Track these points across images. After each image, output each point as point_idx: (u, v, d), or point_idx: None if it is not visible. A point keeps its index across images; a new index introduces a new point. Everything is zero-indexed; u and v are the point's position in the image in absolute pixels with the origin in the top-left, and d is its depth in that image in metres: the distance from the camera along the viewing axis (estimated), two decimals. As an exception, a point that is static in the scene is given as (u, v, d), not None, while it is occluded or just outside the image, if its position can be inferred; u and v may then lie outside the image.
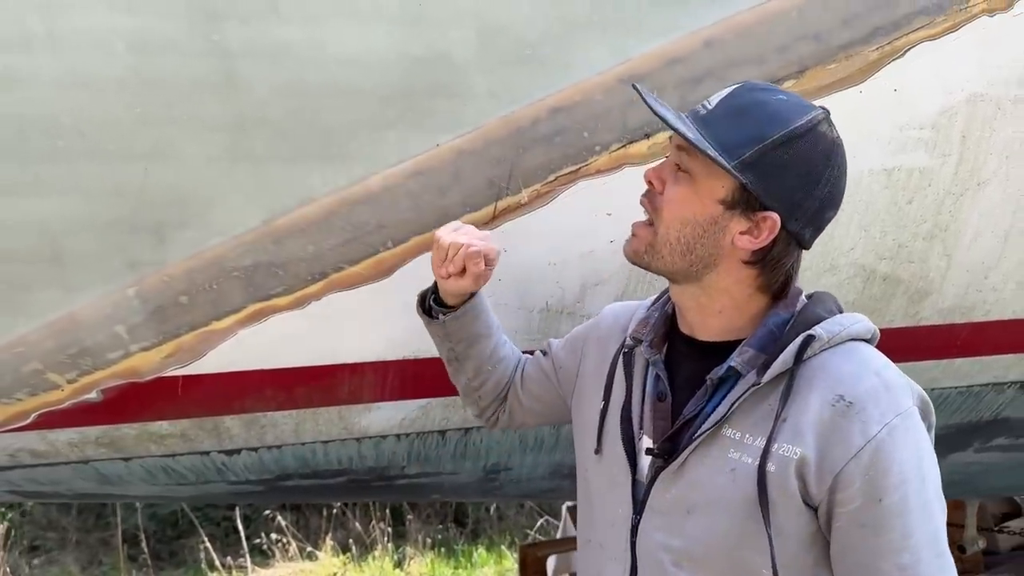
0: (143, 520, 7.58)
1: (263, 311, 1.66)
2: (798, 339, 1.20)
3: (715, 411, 1.23)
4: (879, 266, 1.98)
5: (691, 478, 1.23)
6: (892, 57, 1.81)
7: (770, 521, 1.15)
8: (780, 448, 1.16)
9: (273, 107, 1.51)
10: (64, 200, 1.48)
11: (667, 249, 1.23)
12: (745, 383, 1.22)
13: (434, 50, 1.56)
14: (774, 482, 1.16)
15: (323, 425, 1.91)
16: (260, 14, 1.46)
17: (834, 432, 1.15)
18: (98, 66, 1.42)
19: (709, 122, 1.20)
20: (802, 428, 1.16)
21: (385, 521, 6.70)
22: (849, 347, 1.23)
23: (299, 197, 1.58)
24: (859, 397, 1.16)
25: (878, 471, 1.14)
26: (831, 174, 1.22)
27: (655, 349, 1.33)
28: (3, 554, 5.75)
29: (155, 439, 1.83)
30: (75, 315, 1.57)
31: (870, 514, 1.14)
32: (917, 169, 1.90)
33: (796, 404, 1.18)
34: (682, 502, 1.24)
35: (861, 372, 1.19)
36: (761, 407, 1.20)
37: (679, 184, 1.22)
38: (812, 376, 1.19)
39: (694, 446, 1.22)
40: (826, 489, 1.16)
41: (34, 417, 1.69)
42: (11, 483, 1.95)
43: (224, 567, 6.21)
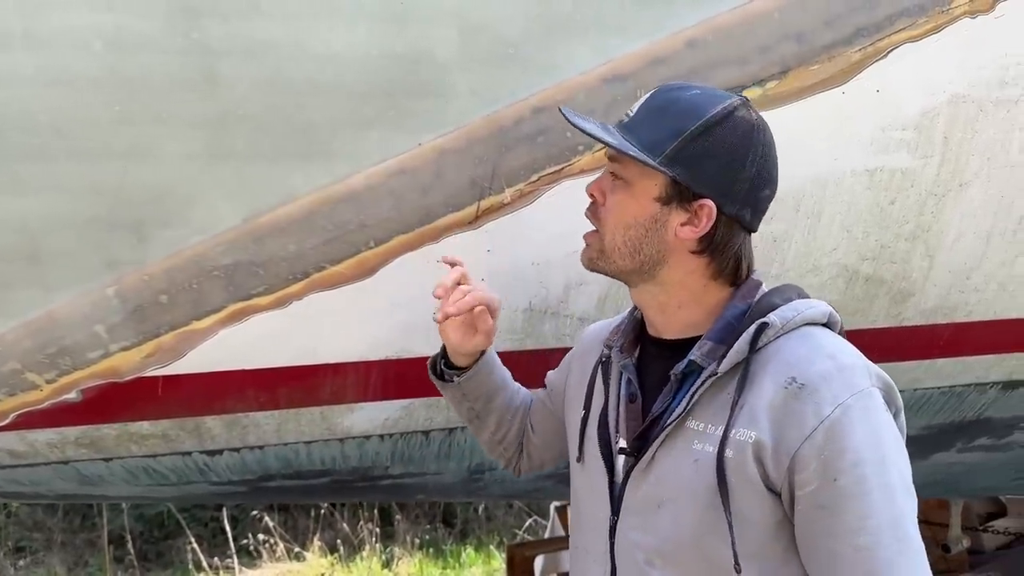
0: (130, 521, 7.55)
1: (244, 311, 1.65)
2: (752, 327, 1.23)
3: (680, 405, 1.26)
4: (862, 267, 1.99)
5: (659, 473, 1.26)
6: (875, 58, 1.81)
7: (730, 508, 1.17)
8: (737, 433, 1.18)
9: (253, 105, 1.50)
10: (42, 198, 1.47)
11: (616, 253, 1.28)
12: (705, 375, 1.25)
13: (416, 48, 1.55)
14: (732, 467, 1.18)
15: (305, 426, 1.90)
16: (240, 11, 1.46)
17: (788, 414, 1.16)
18: (76, 64, 1.41)
19: (632, 128, 1.27)
20: (757, 412, 1.18)
21: (373, 521, 6.69)
22: (803, 332, 1.24)
23: (280, 196, 1.57)
24: (811, 379, 1.17)
25: (833, 451, 1.14)
26: (755, 154, 1.26)
27: (625, 353, 1.37)
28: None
29: (136, 439, 1.82)
30: (54, 314, 1.56)
31: (827, 495, 1.14)
32: (899, 170, 1.90)
33: (752, 390, 1.20)
34: (652, 498, 1.26)
35: (814, 355, 1.20)
36: (720, 396, 1.23)
37: (616, 192, 1.29)
38: (766, 362, 1.21)
39: (660, 441, 1.26)
40: (784, 472, 1.17)
41: (13, 417, 1.67)
42: (-10, 483, 1.93)
43: (211, 568, 6.19)
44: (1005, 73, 1.90)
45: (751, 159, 1.25)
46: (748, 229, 1.30)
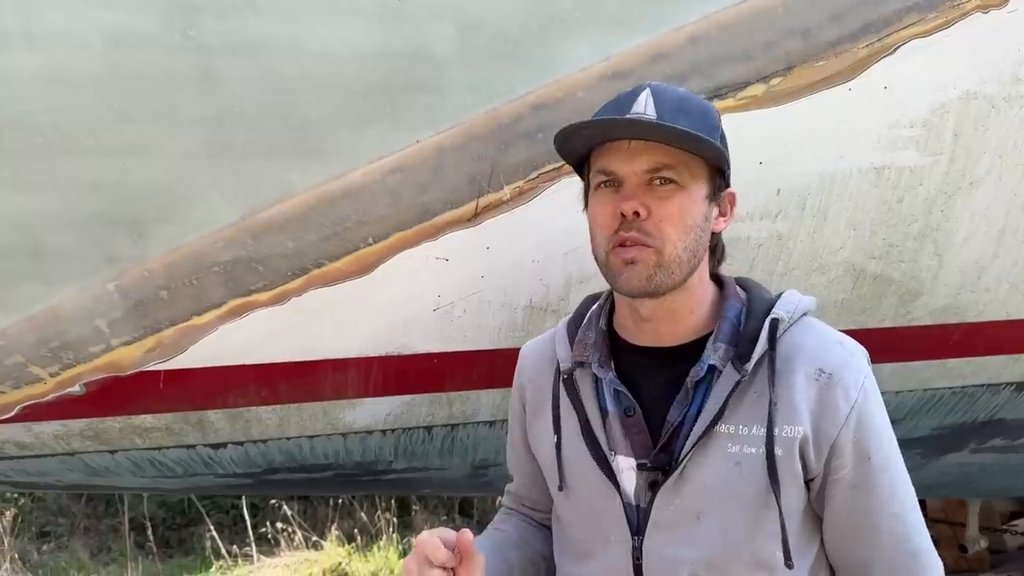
0: (153, 508, 7.65)
1: (244, 307, 1.66)
2: (765, 324, 1.22)
3: (703, 411, 1.21)
4: (869, 265, 1.96)
5: (695, 483, 1.21)
6: (882, 54, 1.78)
7: (781, 504, 1.18)
8: (782, 431, 1.18)
9: (251, 103, 1.51)
10: (43, 195, 1.48)
11: (676, 264, 1.19)
12: (728, 378, 1.21)
13: (414, 45, 1.55)
14: (783, 465, 1.19)
15: (308, 420, 1.91)
16: (237, 9, 1.46)
17: (823, 405, 1.19)
18: (75, 62, 1.42)
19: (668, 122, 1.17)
20: (795, 407, 1.19)
21: (391, 512, 6.72)
22: (804, 322, 1.26)
23: (278, 193, 1.58)
24: (836, 367, 1.21)
25: (863, 432, 1.20)
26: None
27: (605, 367, 1.29)
28: (10, 539, 5.79)
29: (140, 432, 1.84)
30: (56, 309, 1.58)
31: (862, 474, 1.20)
32: (908, 168, 1.87)
33: (781, 386, 1.20)
34: (689, 510, 1.21)
35: (827, 343, 1.24)
36: (747, 396, 1.21)
37: (671, 198, 1.18)
38: (788, 356, 1.21)
39: (690, 451, 1.20)
40: (823, 461, 1.20)
41: (18, 410, 1.70)
42: (0, 473, 1.96)
43: (230, 555, 6.25)
44: (1018, 69, 1.87)
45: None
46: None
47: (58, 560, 6.38)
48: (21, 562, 5.93)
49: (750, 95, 1.74)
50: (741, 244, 1.86)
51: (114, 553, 6.82)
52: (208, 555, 6.25)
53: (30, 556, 6.30)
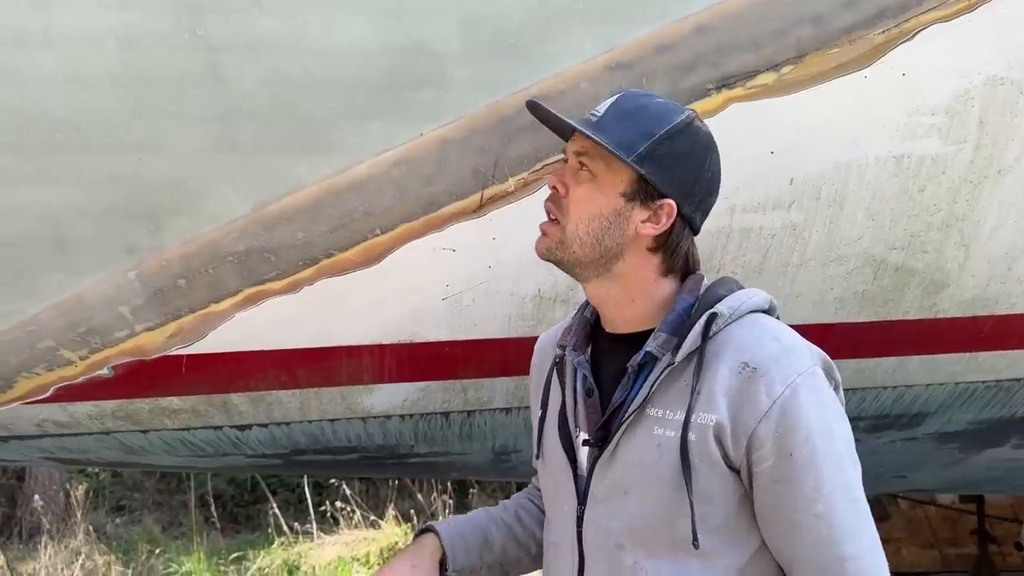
0: (222, 485, 7.94)
1: (258, 295, 1.73)
2: (703, 318, 1.28)
3: (638, 394, 1.31)
4: (890, 256, 1.92)
5: (624, 460, 1.30)
6: (900, 40, 1.74)
7: (692, 488, 1.23)
8: (698, 417, 1.25)
9: (258, 99, 1.56)
10: (64, 189, 1.57)
11: (577, 244, 1.32)
12: (662, 364, 1.30)
13: (416, 40, 1.58)
14: (695, 449, 1.25)
15: (327, 404, 1.97)
16: (243, 9, 1.51)
17: (743, 397, 1.24)
18: (91, 62, 1.49)
19: (602, 126, 1.30)
20: (715, 396, 1.25)
21: (447, 494, 6.84)
22: (749, 319, 1.32)
23: (286, 185, 1.63)
24: (762, 362, 1.25)
25: (786, 428, 1.22)
26: (711, 162, 1.35)
27: (578, 351, 1.40)
28: (82, 512, 6.09)
29: (168, 413, 1.93)
30: (81, 296, 1.67)
31: (783, 469, 1.23)
32: (929, 156, 1.83)
33: (708, 376, 1.26)
34: (619, 484, 1.31)
35: (762, 339, 1.28)
36: (677, 384, 1.28)
37: (582, 184, 1.32)
38: (719, 349, 1.28)
39: (623, 430, 1.30)
40: (743, 450, 1.24)
41: (53, 391, 1.80)
42: (45, 450, 2.08)
43: (292, 532, 6.46)
44: (1049, 53, 1.80)
45: (707, 166, 1.34)
46: (695, 231, 1.37)
47: (131, 533, 6.69)
48: (96, 534, 6.23)
49: (760, 84, 1.72)
50: (754, 234, 1.85)
51: (184, 528, 7.11)
52: (271, 531, 6.46)
53: (104, 528, 6.61)
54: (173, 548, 6.34)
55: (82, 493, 6.26)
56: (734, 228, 1.83)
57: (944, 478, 2.98)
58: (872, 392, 2.22)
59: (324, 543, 6.39)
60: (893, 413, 2.29)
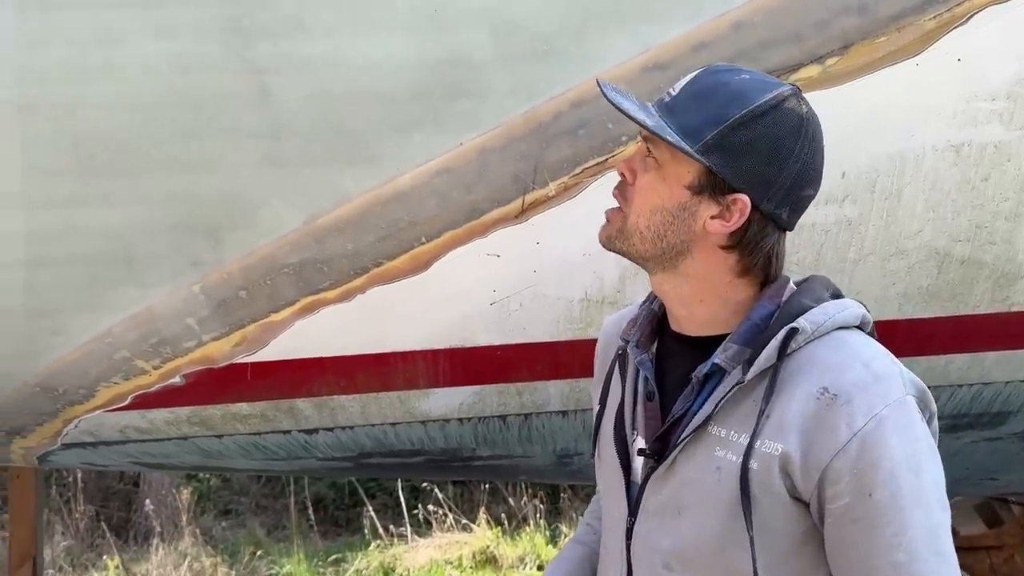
0: (323, 489, 8.19)
1: (314, 304, 1.80)
2: (781, 333, 1.14)
3: (701, 409, 1.19)
4: (954, 249, 1.85)
5: (681, 478, 1.19)
6: (953, 25, 1.68)
7: (751, 520, 1.12)
8: (763, 445, 1.13)
9: (304, 115, 1.63)
10: (130, 209, 1.68)
11: (637, 236, 1.19)
12: (730, 380, 1.17)
13: (451, 52, 1.62)
14: (757, 480, 1.13)
15: (387, 408, 2.03)
16: (287, 30, 1.59)
17: (819, 426, 1.11)
18: (147, 88, 1.60)
19: (673, 108, 1.16)
20: (785, 423, 1.12)
21: (539, 498, 6.87)
22: (836, 337, 1.17)
23: (334, 198, 1.70)
24: (844, 388, 1.11)
25: (867, 464, 1.08)
26: (801, 150, 1.15)
27: (641, 348, 1.27)
28: (188, 515, 6.39)
29: (239, 419, 2.03)
30: (151, 309, 1.78)
31: (861, 509, 1.09)
32: (991, 143, 1.76)
33: (780, 399, 1.13)
34: (673, 502, 1.20)
35: (848, 363, 1.13)
36: (746, 403, 1.16)
37: (649, 172, 1.18)
38: (797, 370, 1.14)
39: (682, 445, 1.19)
40: (814, 485, 1.11)
41: (131, 399, 1.92)
42: (131, 455, 2.21)
43: (388, 535, 6.61)
44: (1122, 28, 1.70)
45: (796, 155, 1.15)
46: (784, 228, 1.20)
47: (236, 536, 6.97)
48: (203, 537, 6.52)
49: (804, 77, 1.69)
50: (806, 230, 1.81)
51: (287, 531, 7.37)
52: (365, 534, 6.62)
53: (212, 531, 6.91)
54: (276, 551, 6.58)
55: (190, 497, 6.56)
56: (786, 225, 1.80)
57: (1042, 480, 2.83)
58: (947, 391, 2.13)
59: (418, 546, 6.51)
60: (972, 412, 2.19)
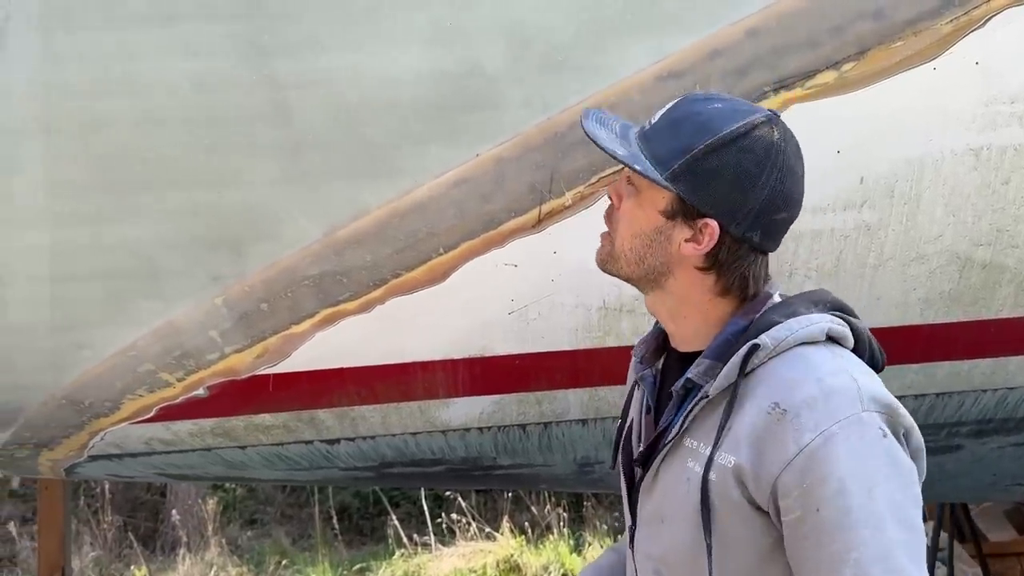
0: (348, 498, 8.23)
1: (334, 315, 1.82)
2: (743, 350, 1.19)
3: (677, 423, 1.26)
4: (976, 253, 1.84)
5: (662, 487, 1.28)
6: (970, 28, 1.67)
7: (711, 529, 1.17)
8: (720, 457, 1.18)
9: (323, 129, 1.65)
10: (154, 224, 1.70)
11: (623, 259, 1.29)
12: (699, 395, 1.24)
13: (467, 63, 1.64)
14: (716, 490, 1.18)
15: (407, 418, 2.04)
16: (304, 46, 1.61)
17: (768, 440, 1.15)
18: (169, 105, 1.62)
19: (650, 137, 1.24)
20: (739, 437, 1.17)
21: (562, 507, 6.86)
22: (797, 353, 1.20)
23: (353, 211, 1.71)
24: (794, 404, 1.14)
25: (814, 480, 1.11)
26: (769, 177, 1.20)
27: (645, 364, 1.37)
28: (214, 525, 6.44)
29: (262, 430, 2.05)
30: (174, 322, 1.80)
31: (809, 525, 1.11)
32: (1012, 146, 1.74)
33: (739, 414, 1.18)
34: (657, 511, 1.29)
35: (802, 379, 1.17)
36: (712, 417, 1.21)
37: (629, 198, 1.28)
38: (756, 385, 1.19)
39: (661, 457, 1.27)
40: (767, 497, 1.15)
41: (156, 411, 1.95)
42: (156, 467, 2.24)
43: (412, 544, 6.63)
44: None
45: (763, 181, 1.20)
46: (760, 250, 1.26)
47: (262, 545, 7.01)
48: (229, 546, 6.57)
49: (820, 83, 1.69)
50: (825, 236, 1.81)
51: (312, 540, 7.41)
52: (389, 543, 6.64)
53: (237, 541, 6.96)
54: (301, 560, 6.61)
55: (215, 507, 6.61)
56: (804, 231, 1.79)
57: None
58: (971, 396, 2.11)
59: (442, 555, 6.52)
60: (997, 417, 2.17)
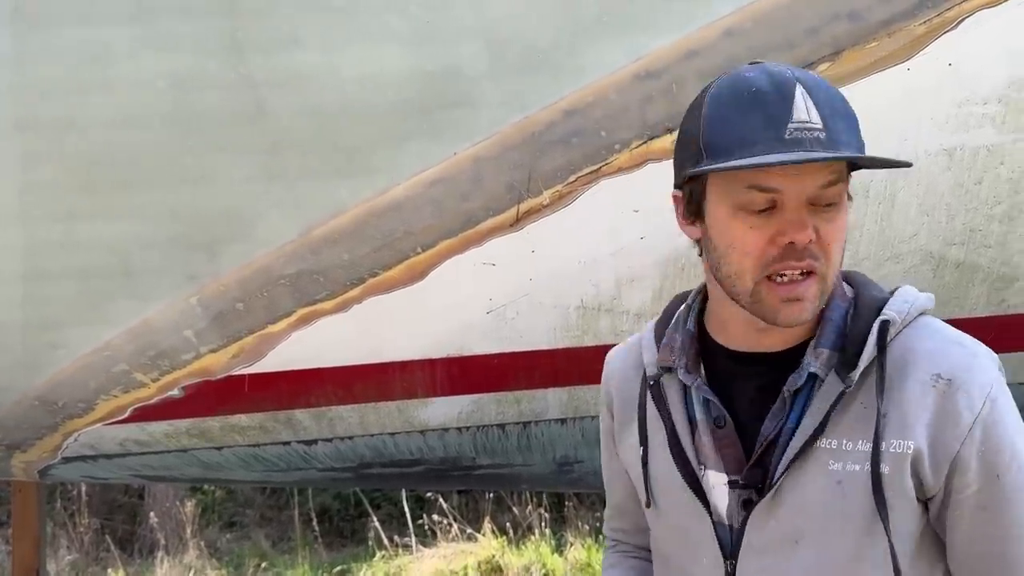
0: (328, 500, 8.19)
1: (311, 315, 1.81)
2: (874, 327, 1.07)
3: (801, 424, 1.09)
4: (949, 252, 1.85)
5: (792, 503, 1.10)
6: (943, 30, 1.69)
7: (890, 528, 1.05)
8: (890, 446, 1.06)
9: (300, 129, 1.64)
10: (129, 223, 1.69)
11: (831, 286, 1.08)
12: (831, 387, 1.09)
13: (445, 63, 1.63)
14: (890, 484, 1.06)
15: (385, 418, 2.04)
16: (281, 45, 1.60)
17: (941, 415, 1.05)
18: (146, 104, 1.61)
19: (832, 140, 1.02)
20: (907, 419, 1.06)
21: (543, 507, 6.85)
22: (920, 323, 1.10)
23: (330, 210, 1.71)
24: (956, 373, 1.05)
25: (991, 447, 1.04)
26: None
27: (694, 373, 1.17)
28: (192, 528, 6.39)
29: (238, 430, 2.04)
30: (149, 322, 1.79)
31: (989, 494, 1.05)
32: (984, 147, 1.76)
33: (892, 396, 1.06)
34: (788, 533, 1.11)
35: (944, 347, 1.08)
36: (852, 408, 1.08)
37: (836, 218, 1.04)
38: (900, 362, 1.07)
39: (787, 467, 1.09)
40: (943, 478, 1.06)
41: (131, 411, 1.93)
42: (131, 468, 2.22)
43: (393, 545, 6.60)
44: (1113, 31, 1.71)
45: None
46: None
47: (242, 548, 6.96)
48: (208, 549, 6.52)
49: (795, 84, 1.70)
50: (801, 236, 1.82)
51: (292, 542, 7.36)
52: (371, 545, 6.61)
53: (216, 543, 6.91)
54: (281, 562, 6.57)
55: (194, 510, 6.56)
56: (779, 230, 1.81)
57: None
58: (945, 394, 2.13)
59: (423, 556, 6.50)
60: (971, 415, 2.19)
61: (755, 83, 1.04)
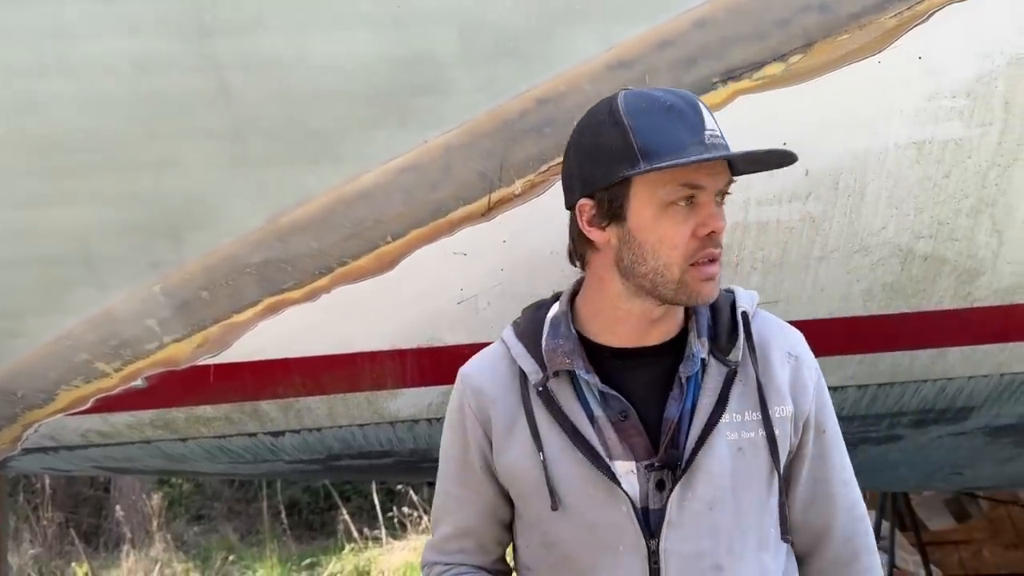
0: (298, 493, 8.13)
1: (278, 304, 1.78)
2: (739, 318, 1.32)
3: (699, 404, 1.27)
4: (917, 245, 1.86)
5: (705, 475, 1.24)
6: (914, 23, 1.69)
7: (781, 481, 1.29)
8: (775, 412, 1.28)
9: (266, 113, 1.61)
10: (89, 208, 1.65)
11: None
12: (717, 370, 1.28)
13: (416, 49, 1.61)
14: (781, 444, 1.29)
15: (354, 410, 2.01)
16: (247, 27, 1.57)
17: (796, 384, 1.32)
18: (107, 86, 1.57)
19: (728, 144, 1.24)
20: (781, 388, 1.30)
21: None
22: (759, 314, 1.37)
23: (298, 197, 1.68)
24: (799, 350, 1.35)
25: (819, 406, 1.35)
26: None
27: (592, 373, 1.27)
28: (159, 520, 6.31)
29: (203, 422, 2.00)
30: (111, 310, 1.75)
31: (820, 445, 1.35)
32: (952, 141, 1.77)
33: (765, 370, 1.30)
34: (703, 502, 1.24)
35: (779, 330, 1.37)
36: (735, 385, 1.29)
37: (722, 212, 1.26)
38: (762, 344, 1.32)
39: (694, 444, 1.25)
40: (799, 435, 1.33)
41: (92, 402, 1.89)
42: (93, 460, 2.18)
43: (363, 538, 6.57)
44: (1079, 27, 1.72)
45: None
46: None
47: (209, 541, 6.90)
48: (175, 542, 6.45)
49: (767, 75, 1.70)
50: (771, 228, 1.82)
51: (260, 536, 7.30)
52: (341, 538, 6.58)
53: (183, 537, 6.83)
54: (249, 556, 6.52)
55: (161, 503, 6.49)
56: (750, 222, 1.81)
57: (1005, 474, 2.86)
58: (912, 386, 2.15)
59: (393, 548, 6.48)
60: (937, 407, 2.21)
61: (666, 100, 1.21)
